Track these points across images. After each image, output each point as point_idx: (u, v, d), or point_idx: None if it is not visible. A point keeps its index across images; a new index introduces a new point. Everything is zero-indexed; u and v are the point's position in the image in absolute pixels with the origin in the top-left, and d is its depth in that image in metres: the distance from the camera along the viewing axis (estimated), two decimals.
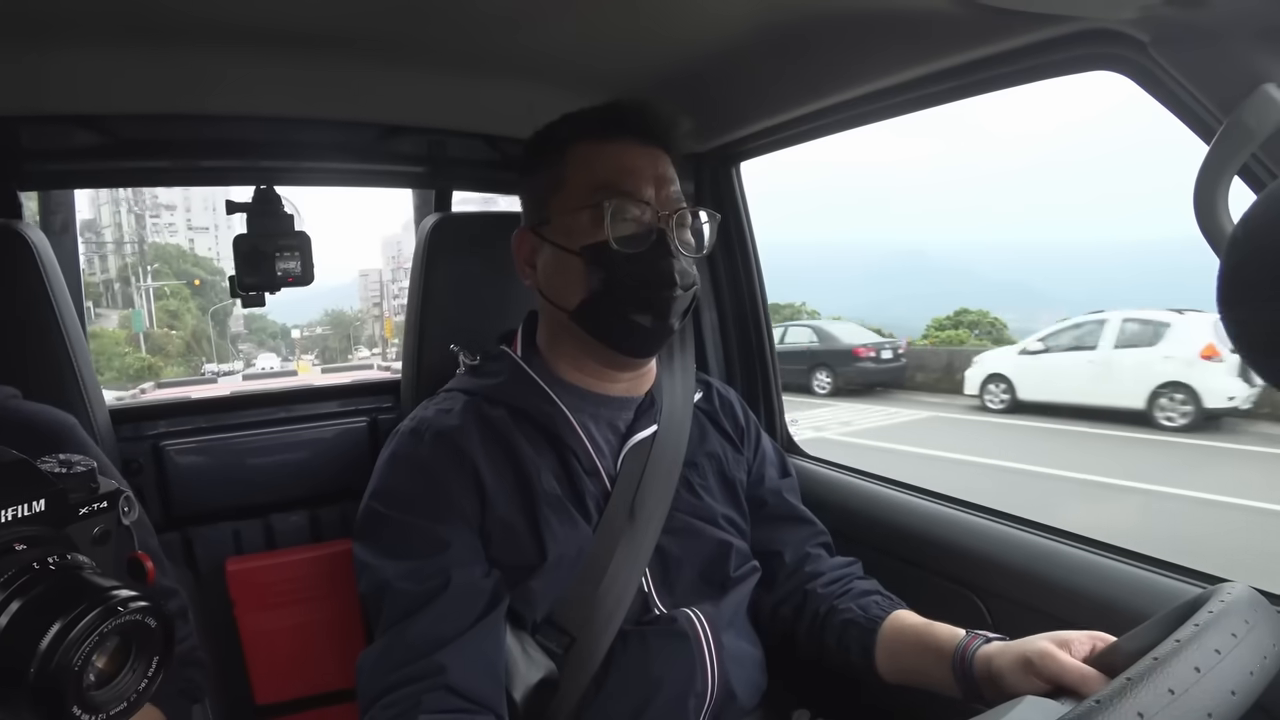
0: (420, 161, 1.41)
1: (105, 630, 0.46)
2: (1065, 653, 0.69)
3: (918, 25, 0.89)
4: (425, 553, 0.85)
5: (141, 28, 0.93)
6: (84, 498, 0.56)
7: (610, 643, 0.88)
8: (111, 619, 0.47)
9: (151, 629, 0.50)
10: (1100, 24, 0.78)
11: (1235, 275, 0.49)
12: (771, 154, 1.39)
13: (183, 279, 30.93)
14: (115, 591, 0.48)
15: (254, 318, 46.38)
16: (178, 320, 31.30)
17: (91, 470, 0.57)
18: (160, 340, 29.94)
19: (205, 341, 33.83)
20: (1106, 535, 1.00)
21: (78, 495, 0.56)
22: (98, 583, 0.49)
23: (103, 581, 0.50)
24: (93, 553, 0.55)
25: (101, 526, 0.57)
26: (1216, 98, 0.71)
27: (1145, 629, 0.63)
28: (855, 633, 0.94)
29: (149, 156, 1.25)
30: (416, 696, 0.78)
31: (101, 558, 0.56)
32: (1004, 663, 0.75)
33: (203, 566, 1.26)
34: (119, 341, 27.63)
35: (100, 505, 0.57)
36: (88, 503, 0.56)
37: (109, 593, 0.48)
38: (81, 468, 0.57)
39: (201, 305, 34.18)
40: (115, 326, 27.64)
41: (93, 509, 0.56)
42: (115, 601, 0.47)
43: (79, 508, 0.56)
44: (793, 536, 1.07)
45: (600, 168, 0.93)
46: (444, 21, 0.98)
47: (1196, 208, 0.68)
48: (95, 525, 0.57)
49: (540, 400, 0.95)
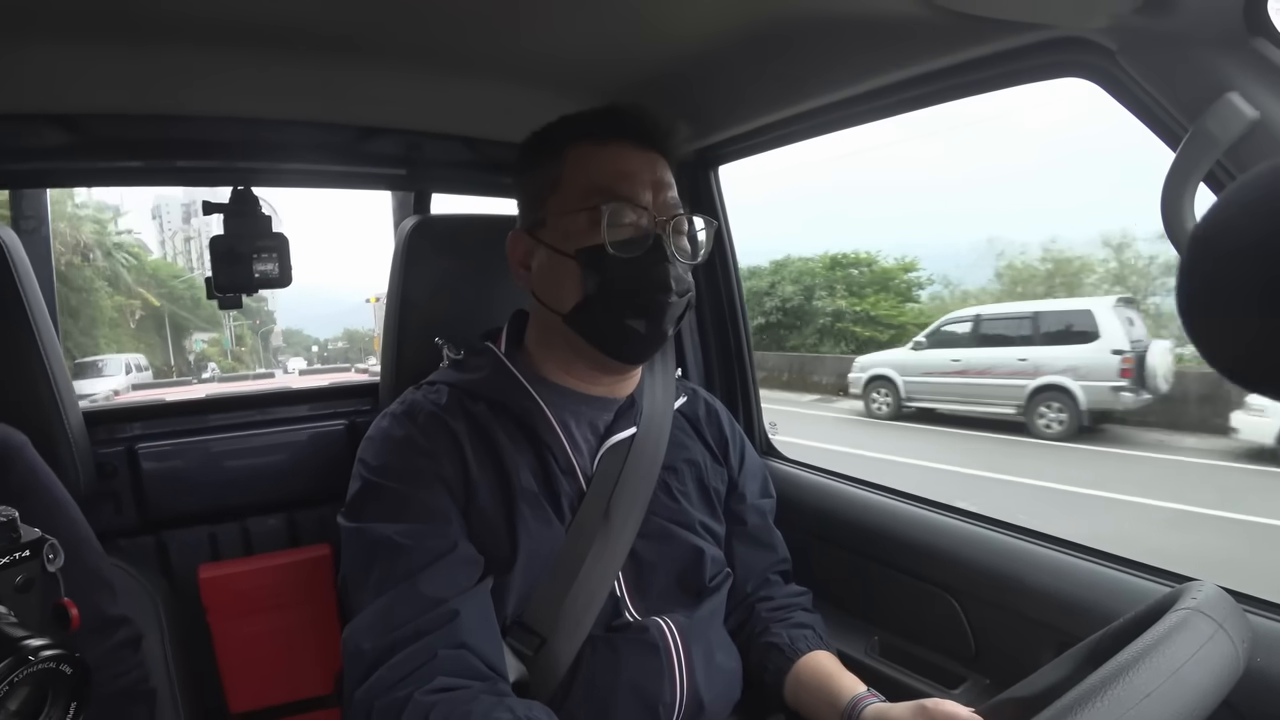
0: (398, 163, 1.40)
1: (16, 680, 0.48)
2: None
3: (894, 31, 0.90)
4: (428, 519, 0.85)
5: (116, 25, 0.92)
6: (4, 547, 0.57)
7: (579, 647, 0.88)
8: (23, 668, 0.48)
9: (66, 675, 0.51)
10: (1070, 32, 0.79)
11: (1194, 277, 0.50)
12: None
13: (246, 316, 42.97)
14: (27, 641, 0.50)
15: (291, 333, 55.96)
16: (242, 340, 42.79)
17: (11, 521, 0.58)
18: (236, 352, 39.94)
19: (256, 354, 43.59)
20: None
21: None
22: (9, 633, 0.51)
23: (15, 632, 0.51)
24: (15, 600, 0.56)
25: (24, 575, 0.58)
26: (1183, 105, 0.72)
27: (1024, 684, 0.67)
28: (775, 657, 0.98)
29: (123, 156, 1.24)
30: (431, 650, 0.77)
31: (24, 605, 0.57)
32: (896, 713, 0.80)
33: (177, 571, 1.25)
34: (222, 354, 37.31)
35: (22, 555, 0.58)
36: (8, 552, 0.57)
37: (20, 642, 0.49)
38: (2, 518, 0.58)
39: (252, 327, 44.75)
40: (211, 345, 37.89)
41: (13, 558, 0.57)
42: (26, 651, 0.49)
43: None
44: (759, 561, 1.08)
45: (598, 171, 0.92)
46: (422, 23, 0.98)
47: (1164, 214, 0.69)
48: (17, 574, 0.57)
49: (520, 396, 0.95)
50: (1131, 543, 1.37)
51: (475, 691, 0.76)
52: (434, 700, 0.73)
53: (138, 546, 1.24)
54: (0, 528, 0.57)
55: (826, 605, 1.11)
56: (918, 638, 1.13)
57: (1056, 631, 0.94)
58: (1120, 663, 0.50)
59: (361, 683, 0.78)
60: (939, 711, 0.75)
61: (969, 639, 1.05)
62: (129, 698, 0.79)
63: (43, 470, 0.82)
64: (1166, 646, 0.52)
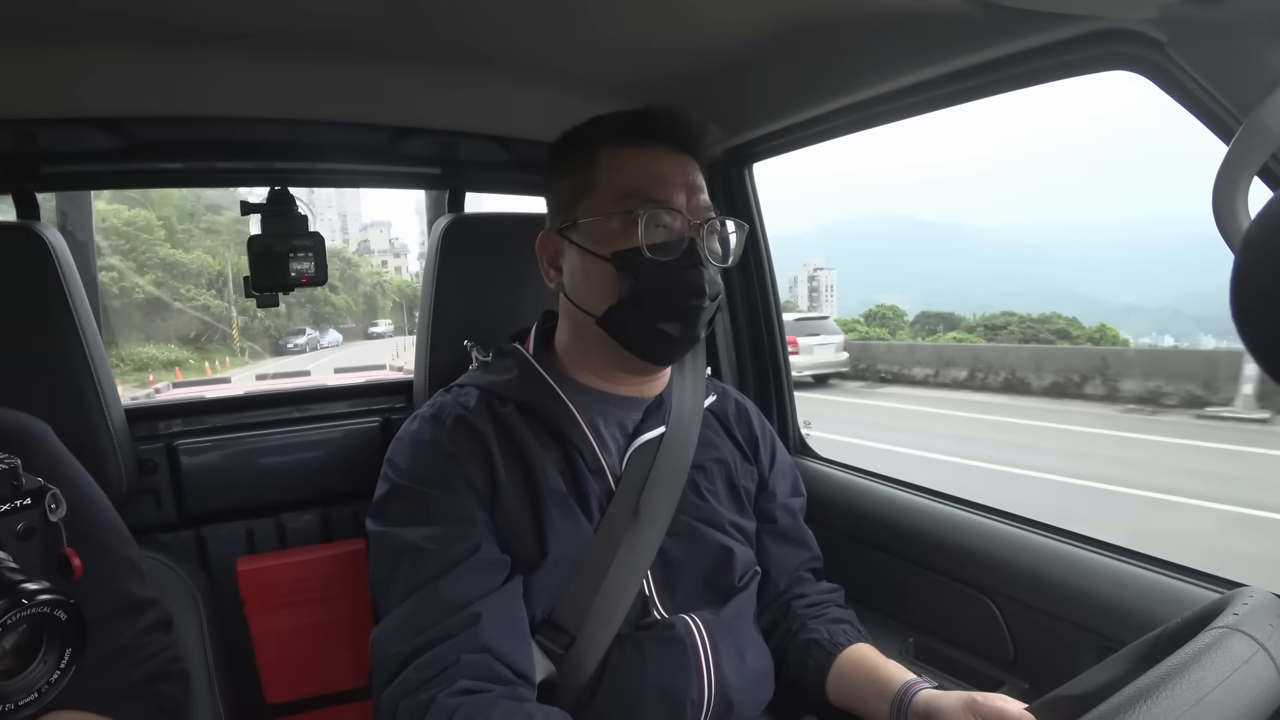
0: (433, 163, 1.41)
1: (10, 621, 0.48)
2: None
3: (932, 26, 0.89)
4: (453, 523, 0.86)
5: (157, 30, 0.94)
6: (7, 493, 0.58)
7: (608, 645, 0.88)
8: (16, 610, 0.49)
9: (61, 621, 0.52)
10: (1117, 24, 0.77)
11: (1249, 275, 0.48)
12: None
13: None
14: (24, 585, 0.50)
15: None
16: None
17: (14, 468, 0.59)
18: None
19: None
20: None
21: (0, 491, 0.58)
22: (7, 576, 0.51)
23: (13, 575, 0.52)
24: (16, 548, 0.57)
25: (25, 523, 0.59)
26: (1235, 97, 0.70)
27: (1076, 681, 0.65)
28: (816, 653, 0.97)
29: (165, 158, 1.26)
30: (455, 654, 0.78)
31: (25, 553, 0.58)
32: (947, 701, 0.79)
33: (215, 565, 1.27)
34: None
35: (23, 502, 0.59)
36: (10, 499, 0.58)
37: (17, 585, 0.50)
38: (5, 465, 0.59)
39: None
40: None
41: (15, 505, 0.58)
42: (22, 594, 0.49)
43: (0, 504, 0.58)
44: (791, 559, 1.07)
45: (632, 173, 0.92)
46: (457, 23, 0.99)
47: (1215, 208, 0.67)
48: (18, 522, 0.58)
49: (548, 398, 0.95)
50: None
51: (496, 696, 0.77)
52: (457, 703, 0.75)
53: (178, 542, 1.26)
54: (1, 475, 0.59)
55: (860, 606, 1.10)
56: (954, 640, 1.11)
57: (1097, 635, 0.92)
58: (1140, 688, 0.48)
59: (388, 684, 0.79)
60: (988, 705, 0.74)
61: (1007, 642, 1.03)
62: (161, 677, 0.80)
63: (65, 457, 0.83)
64: (1194, 671, 0.49)
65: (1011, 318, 34.59)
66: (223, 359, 27.52)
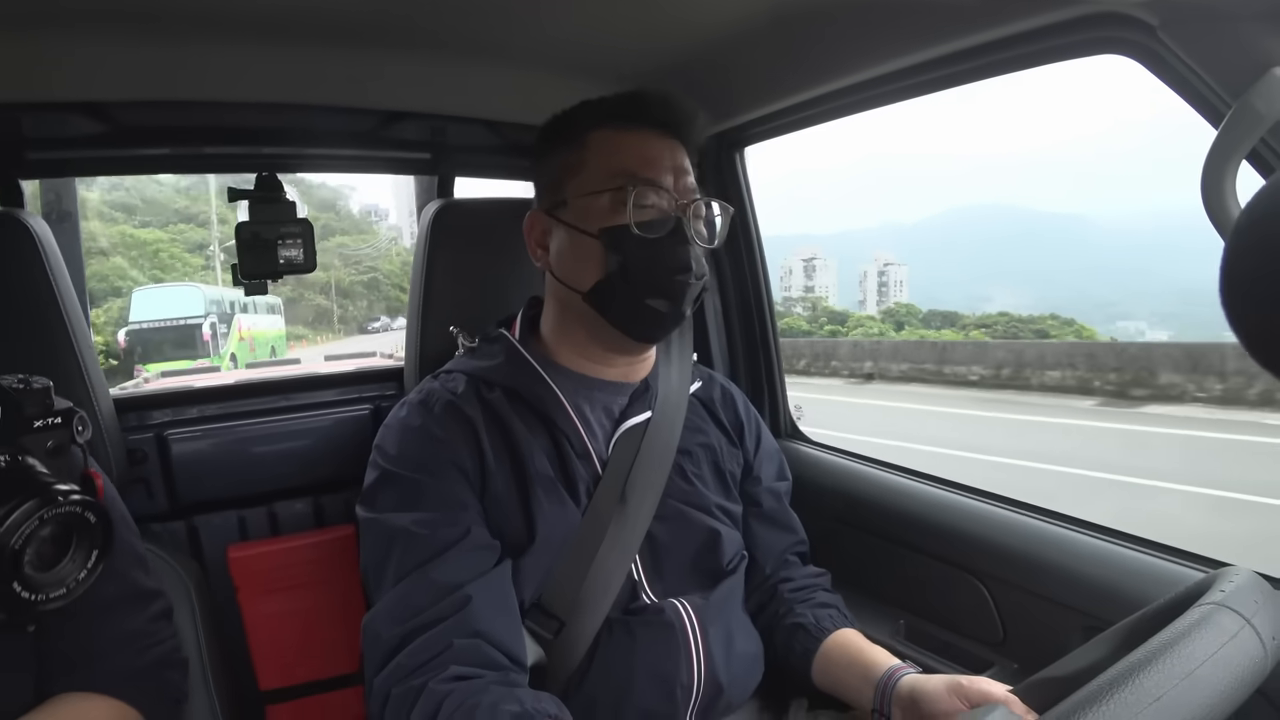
0: (422, 148, 1.40)
1: (45, 516, 0.51)
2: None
3: (922, 9, 0.89)
4: (443, 508, 0.86)
5: (143, 13, 0.93)
6: (39, 411, 0.62)
7: (597, 629, 0.89)
8: (50, 507, 0.52)
9: (91, 523, 0.55)
10: (1109, 7, 0.77)
11: (1240, 267, 0.48)
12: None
13: None
14: (57, 485, 0.54)
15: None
16: None
17: (47, 388, 0.63)
18: None
19: None
20: None
21: (33, 409, 0.61)
22: (42, 477, 0.55)
23: (47, 477, 0.55)
24: (47, 462, 0.60)
25: (55, 440, 0.63)
26: (1225, 81, 0.70)
27: (1059, 664, 0.66)
28: (802, 638, 0.98)
29: (150, 144, 1.25)
30: (447, 639, 0.78)
31: (54, 468, 0.60)
32: (932, 685, 0.80)
33: (208, 554, 1.26)
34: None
35: (54, 420, 0.63)
36: (42, 416, 0.62)
37: (52, 485, 0.53)
38: (38, 385, 0.63)
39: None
40: None
41: (47, 423, 0.62)
42: (56, 493, 0.53)
43: (33, 420, 0.61)
44: (777, 543, 1.08)
45: (623, 154, 0.93)
46: (447, 8, 0.98)
47: (1204, 194, 0.67)
48: (49, 439, 0.62)
49: (534, 382, 0.95)
50: None
51: (487, 681, 0.77)
52: (448, 689, 0.75)
53: (169, 531, 1.26)
54: (36, 393, 0.62)
55: (851, 589, 1.11)
56: (944, 622, 1.12)
57: (1085, 616, 0.93)
58: (1131, 663, 0.49)
59: (380, 669, 0.80)
60: (973, 688, 0.76)
61: (996, 623, 1.05)
62: (165, 665, 0.81)
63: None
64: (1183, 646, 0.50)
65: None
66: (325, 336, 36.82)
